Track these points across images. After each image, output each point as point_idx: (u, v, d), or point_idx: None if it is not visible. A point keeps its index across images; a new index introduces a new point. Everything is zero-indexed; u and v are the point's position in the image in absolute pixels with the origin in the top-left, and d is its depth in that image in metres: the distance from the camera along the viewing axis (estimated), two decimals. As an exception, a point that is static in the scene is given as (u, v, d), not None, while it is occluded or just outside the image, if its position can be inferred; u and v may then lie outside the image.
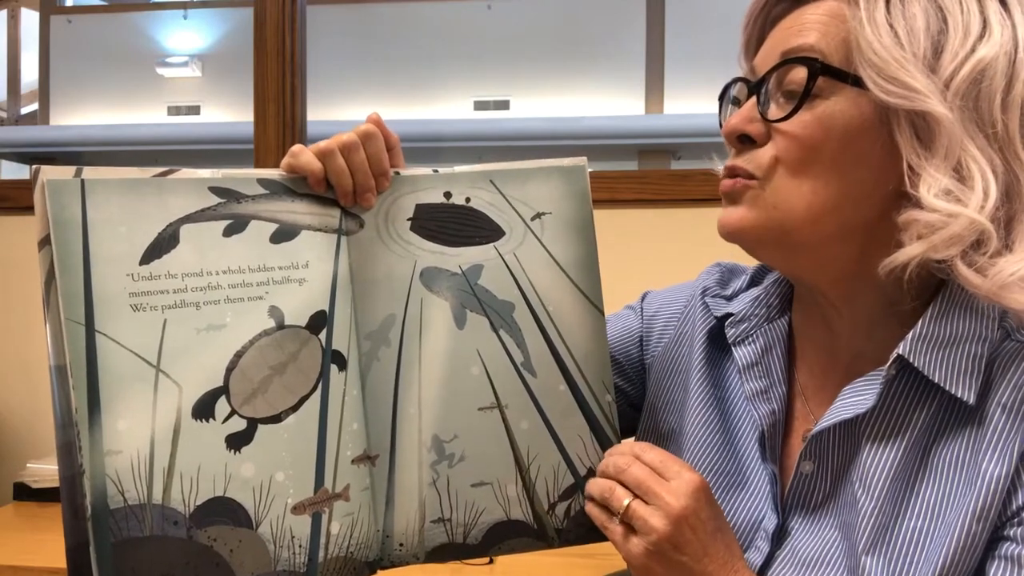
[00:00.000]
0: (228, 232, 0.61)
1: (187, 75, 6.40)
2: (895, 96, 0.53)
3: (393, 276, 0.67)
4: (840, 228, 0.58)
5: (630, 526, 0.60)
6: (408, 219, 0.67)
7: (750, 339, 0.68)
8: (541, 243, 0.69)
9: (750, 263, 0.74)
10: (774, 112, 0.59)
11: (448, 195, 0.68)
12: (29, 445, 1.70)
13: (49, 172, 0.56)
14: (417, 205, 0.68)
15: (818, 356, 0.67)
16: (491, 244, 0.68)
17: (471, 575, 1.17)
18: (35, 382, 1.72)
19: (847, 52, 0.56)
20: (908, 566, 0.56)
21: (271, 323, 0.62)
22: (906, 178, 0.54)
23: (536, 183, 0.69)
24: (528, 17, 5.90)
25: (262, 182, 0.63)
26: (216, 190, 0.61)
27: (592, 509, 0.63)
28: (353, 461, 0.66)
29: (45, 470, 1.52)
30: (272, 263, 0.62)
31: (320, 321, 0.64)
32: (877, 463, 0.58)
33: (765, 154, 0.59)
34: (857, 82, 0.55)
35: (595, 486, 0.63)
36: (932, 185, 0.53)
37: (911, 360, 0.57)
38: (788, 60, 0.58)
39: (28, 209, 1.70)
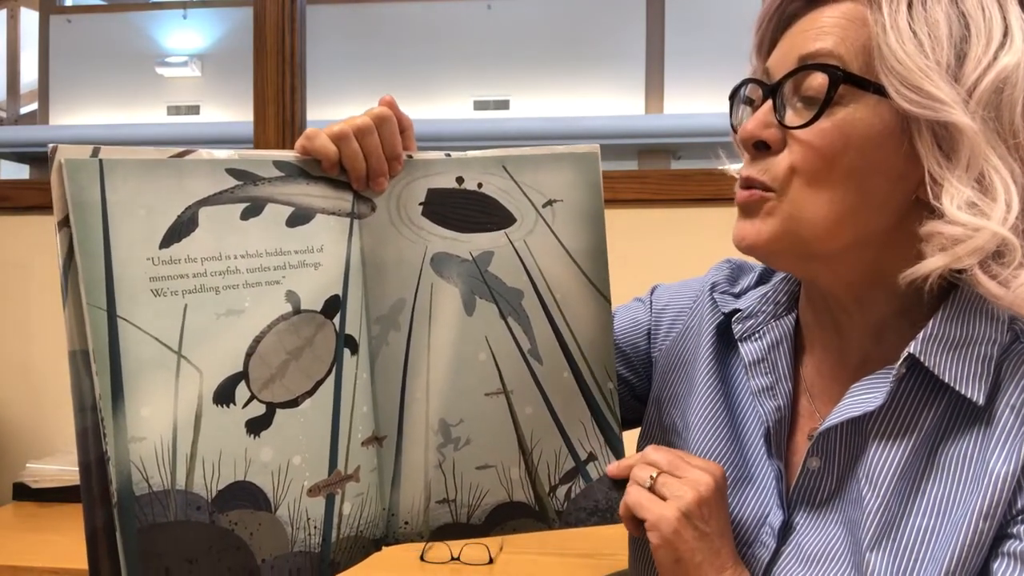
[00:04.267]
0: (245, 215, 0.61)
1: (187, 75, 6.40)
2: (918, 106, 0.52)
3: (404, 261, 0.67)
4: (857, 237, 0.58)
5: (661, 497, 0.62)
6: (420, 204, 0.68)
7: (757, 335, 0.68)
8: (552, 231, 0.69)
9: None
10: (791, 119, 0.58)
11: (460, 180, 0.68)
12: (29, 445, 1.70)
13: (67, 152, 0.54)
14: (429, 190, 0.68)
15: (826, 355, 0.67)
16: (502, 231, 0.69)
17: (471, 575, 1.17)
18: (35, 382, 1.72)
19: (867, 58, 0.55)
20: (914, 564, 0.57)
21: (288, 308, 0.62)
22: (928, 188, 0.54)
23: (548, 170, 0.69)
24: (528, 17, 5.90)
25: (278, 164, 0.63)
26: (233, 172, 0.60)
27: (627, 497, 0.64)
28: (363, 443, 0.67)
29: (45, 470, 1.52)
30: (288, 247, 0.62)
31: (334, 305, 0.65)
32: (884, 460, 0.59)
33: (781, 163, 0.58)
34: (879, 90, 0.54)
35: (630, 494, 0.64)
36: (955, 197, 0.53)
37: (922, 360, 0.57)
38: (807, 66, 0.57)
39: (28, 209, 1.71)
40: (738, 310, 0.70)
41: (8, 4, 6.50)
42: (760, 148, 0.60)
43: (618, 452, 0.72)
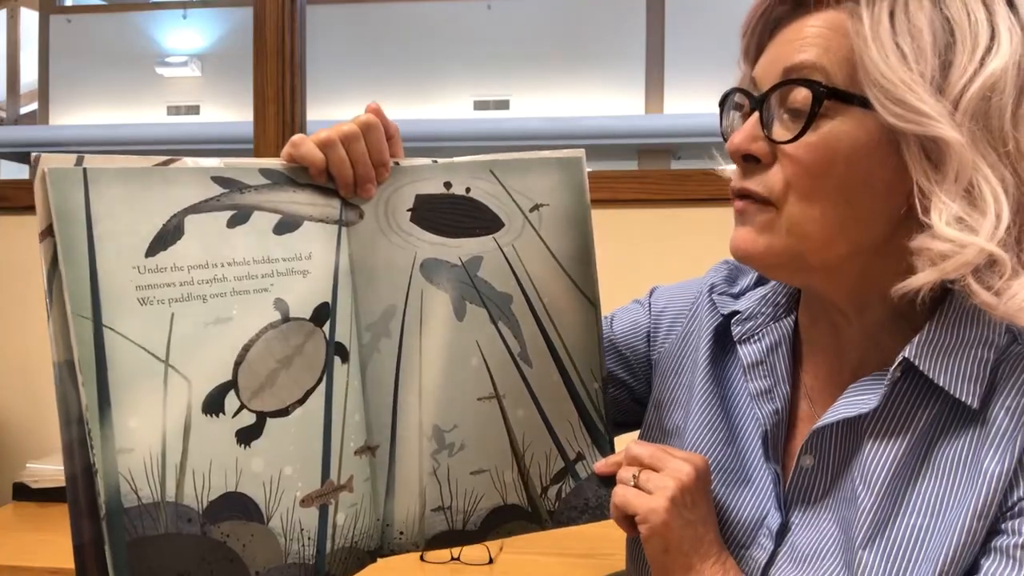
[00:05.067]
0: (232, 223, 0.60)
1: (187, 75, 6.41)
2: (904, 120, 0.52)
3: (393, 267, 0.67)
4: (850, 249, 0.57)
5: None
6: (408, 210, 0.67)
7: (755, 337, 0.68)
8: (539, 235, 0.70)
9: None
10: (779, 132, 0.57)
11: (448, 185, 0.68)
12: (29, 445, 1.70)
13: (50, 161, 0.53)
14: (417, 196, 0.67)
15: (824, 358, 0.67)
16: (490, 235, 0.69)
17: (471, 575, 1.17)
18: (35, 382, 1.72)
19: (851, 70, 0.54)
20: (906, 562, 0.57)
21: (277, 316, 0.62)
22: (916, 201, 0.54)
23: (535, 174, 0.69)
24: (528, 17, 5.91)
25: (264, 172, 0.62)
26: (219, 180, 0.60)
27: (614, 498, 0.65)
28: (356, 452, 0.66)
29: (45, 470, 1.52)
30: (276, 255, 0.62)
31: (323, 313, 0.64)
32: (878, 460, 0.59)
33: (774, 177, 0.58)
34: (864, 103, 0.53)
35: (617, 494, 0.65)
36: (943, 211, 0.52)
37: (917, 364, 0.57)
38: (791, 81, 0.56)
39: (28, 209, 1.71)
40: (737, 312, 0.70)
41: (8, 4, 6.50)
42: (749, 161, 0.59)
43: (604, 450, 0.73)
